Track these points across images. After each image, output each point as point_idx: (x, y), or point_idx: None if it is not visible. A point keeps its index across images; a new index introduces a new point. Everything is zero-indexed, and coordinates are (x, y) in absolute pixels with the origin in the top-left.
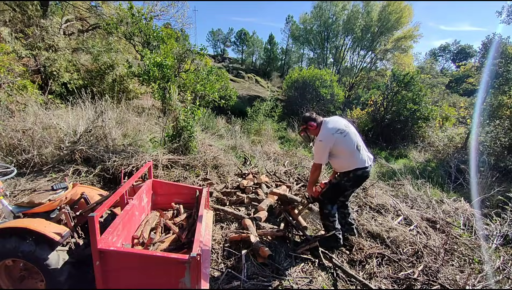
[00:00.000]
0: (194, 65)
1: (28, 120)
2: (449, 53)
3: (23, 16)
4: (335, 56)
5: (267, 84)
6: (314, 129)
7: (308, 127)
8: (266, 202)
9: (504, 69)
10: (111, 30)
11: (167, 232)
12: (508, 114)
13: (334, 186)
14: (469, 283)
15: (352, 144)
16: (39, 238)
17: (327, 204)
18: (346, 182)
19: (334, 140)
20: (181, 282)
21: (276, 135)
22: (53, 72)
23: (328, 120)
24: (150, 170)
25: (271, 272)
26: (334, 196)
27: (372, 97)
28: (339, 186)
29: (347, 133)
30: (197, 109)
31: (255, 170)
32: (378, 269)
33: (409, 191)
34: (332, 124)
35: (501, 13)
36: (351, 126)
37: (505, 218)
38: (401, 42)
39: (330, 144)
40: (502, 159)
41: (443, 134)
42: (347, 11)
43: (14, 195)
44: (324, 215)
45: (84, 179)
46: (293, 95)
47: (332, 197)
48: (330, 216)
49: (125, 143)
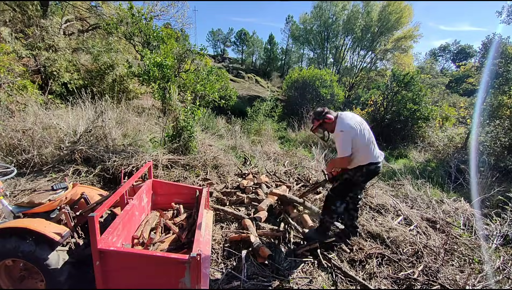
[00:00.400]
0: (194, 65)
1: (28, 120)
2: (449, 53)
3: (23, 16)
4: (335, 56)
5: (267, 84)
6: (331, 123)
7: (325, 121)
8: (266, 202)
9: (504, 69)
10: (111, 30)
11: (167, 232)
12: (508, 114)
13: (346, 181)
14: (469, 283)
15: (369, 138)
16: (39, 238)
17: (336, 200)
18: (359, 176)
19: (355, 132)
20: (181, 282)
21: (276, 135)
22: (53, 72)
23: (344, 113)
24: (150, 170)
25: (271, 272)
26: (344, 191)
27: (372, 97)
28: (352, 181)
29: (362, 127)
30: (197, 109)
31: (255, 170)
32: (378, 269)
33: (409, 191)
34: (350, 117)
35: (501, 13)
36: (365, 122)
37: (505, 218)
38: (401, 42)
39: (352, 134)
40: (502, 159)
41: (443, 134)
42: (347, 11)
43: (14, 195)
44: (329, 211)
45: (84, 179)
46: (293, 95)
47: (342, 192)
48: (335, 213)
49: (125, 143)
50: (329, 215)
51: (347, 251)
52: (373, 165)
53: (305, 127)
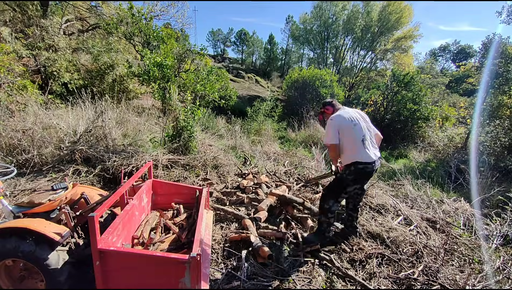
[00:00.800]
0: (194, 65)
1: (28, 120)
2: (449, 53)
3: (23, 16)
4: (335, 56)
5: (267, 84)
6: (329, 113)
7: (325, 111)
8: (266, 202)
9: (504, 69)
10: (111, 30)
11: (167, 232)
12: (508, 114)
13: (337, 180)
14: (469, 283)
15: (359, 136)
16: (39, 238)
17: (329, 199)
18: (347, 175)
19: (345, 124)
20: (181, 282)
21: (276, 135)
22: (53, 72)
23: (344, 108)
24: (150, 170)
25: (271, 272)
26: (336, 190)
27: (372, 97)
28: (341, 180)
29: (357, 124)
30: (197, 109)
31: (255, 170)
32: (378, 269)
33: (409, 191)
34: (347, 111)
35: (501, 13)
36: (368, 121)
37: (505, 218)
38: (401, 42)
39: (339, 126)
40: (502, 159)
41: (443, 134)
42: (347, 11)
43: (14, 195)
44: (324, 210)
45: (84, 179)
46: (293, 95)
47: (334, 191)
48: (329, 212)
49: (125, 143)
50: (325, 215)
51: (347, 250)
52: (361, 165)
53: (305, 127)
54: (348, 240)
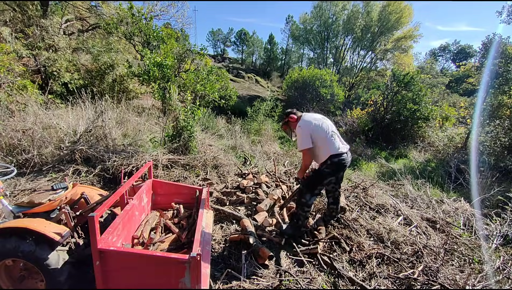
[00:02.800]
0: (194, 65)
1: (28, 120)
2: (449, 53)
3: (23, 16)
4: (335, 56)
5: (267, 84)
6: (294, 122)
7: (289, 120)
8: (266, 202)
9: (504, 69)
10: (111, 30)
11: (167, 232)
12: (508, 114)
13: (314, 174)
14: (469, 283)
15: (328, 131)
16: (39, 238)
17: (306, 193)
18: (325, 168)
19: (313, 127)
20: (181, 282)
21: (276, 135)
22: (53, 72)
23: (306, 114)
24: (150, 170)
25: (271, 272)
26: (314, 184)
27: (372, 97)
28: (319, 173)
29: (323, 122)
30: (197, 109)
31: (255, 170)
32: (378, 269)
33: (409, 191)
34: (310, 115)
35: (501, 13)
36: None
37: (505, 218)
38: (401, 42)
39: (309, 130)
40: (502, 159)
41: (443, 134)
42: (347, 11)
43: (14, 195)
44: (300, 204)
45: (84, 179)
46: (293, 95)
47: (312, 185)
48: (306, 206)
49: (125, 143)
50: (301, 208)
51: (347, 250)
52: (336, 158)
53: None
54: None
